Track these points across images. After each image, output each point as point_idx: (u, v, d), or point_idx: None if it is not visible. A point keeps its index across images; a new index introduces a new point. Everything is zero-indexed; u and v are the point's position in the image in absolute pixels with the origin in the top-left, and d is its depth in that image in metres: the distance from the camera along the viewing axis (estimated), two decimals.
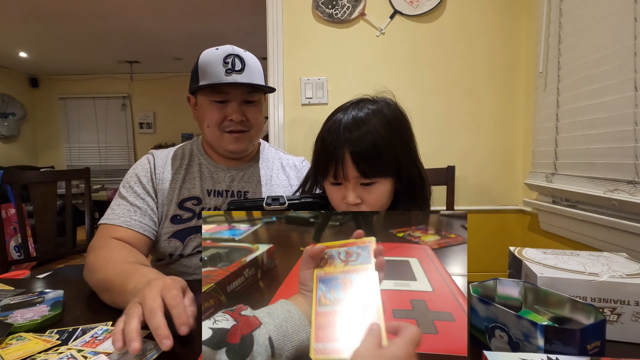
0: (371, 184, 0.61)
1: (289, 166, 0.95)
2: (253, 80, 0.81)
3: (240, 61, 0.80)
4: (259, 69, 0.84)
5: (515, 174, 1.55)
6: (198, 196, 0.83)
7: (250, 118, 0.83)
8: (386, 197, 0.62)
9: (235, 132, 0.82)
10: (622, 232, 0.94)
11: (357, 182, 0.60)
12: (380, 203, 0.62)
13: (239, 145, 0.84)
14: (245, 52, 0.84)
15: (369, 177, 0.59)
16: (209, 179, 0.86)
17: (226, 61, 0.79)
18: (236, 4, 2.98)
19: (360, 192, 0.61)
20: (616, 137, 0.97)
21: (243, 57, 0.81)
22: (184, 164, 0.87)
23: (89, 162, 5.43)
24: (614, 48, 0.98)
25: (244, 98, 0.82)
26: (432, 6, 1.49)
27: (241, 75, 0.80)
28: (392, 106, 0.65)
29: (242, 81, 0.79)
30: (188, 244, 0.81)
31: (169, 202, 0.83)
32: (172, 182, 0.84)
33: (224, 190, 0.85)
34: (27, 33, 3.65)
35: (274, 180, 0.90)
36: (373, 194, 0.61)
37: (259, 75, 0.84)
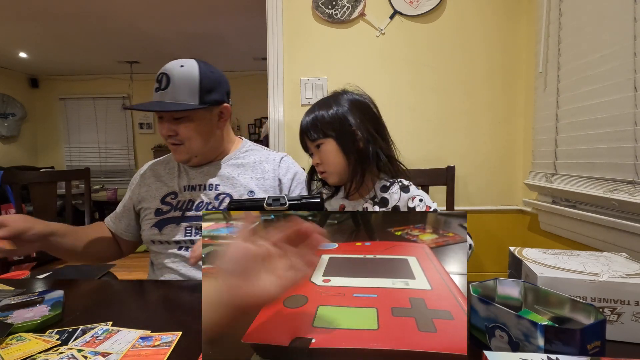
0: (320, 146, 0.82)
1: (267, 161, 1.00)
2: (175, 98, 0.85)
3: (165, 79, 0.85)
4: (188, 84, 0.85)
5: (515, 174, 1.55)
6: (175, 191, 0.95)
7: (180, 133, 0.88)
8: (334, 154, 0.81)
9: (173, 144, 0.91)
10: (622, 232, 0.94)
11: (313, 146, 0.84)
12: (332, 159, 0.82)
13: (177, 156, 0.93)
14: (180, 69, 0.86)
15: (314, 141, 0.83)
16: (185, 176, 0.97)
17: (158, 79, 0.87)
18: (236, 4, 2.98)
19: (317, 153, 0.84)
20: (616, 137, 0.97)
21: (171, 74, 0.85)
22: (167, 168, 1.00)
23: (89, 162, 5.43)
24: (613, 48, 0.98)
25: (171, 115, 0.88)
26: (432, 6, 1.49)
27: (165, 93, 0.85)
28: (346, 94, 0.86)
29: (164, 100, 0.85)
30: (164, 232, 0.92)
31: (154, 198, 0.95)
32: (156, 182, 0.98)
33: (197, 184, 0.95)
34: (27, 33, 3.65)
35: (247, 174, 0.97)
36: (323, 152, 0.82)
37: (187, 91, 0.85)
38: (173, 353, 0.47)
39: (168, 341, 0.50)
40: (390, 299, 0.42)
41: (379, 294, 0.43)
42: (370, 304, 0.42)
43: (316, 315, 0.40)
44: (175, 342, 0.49)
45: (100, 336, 0.51)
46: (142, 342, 0.50)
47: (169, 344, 0.49)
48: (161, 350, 0.47)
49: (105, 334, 0.51)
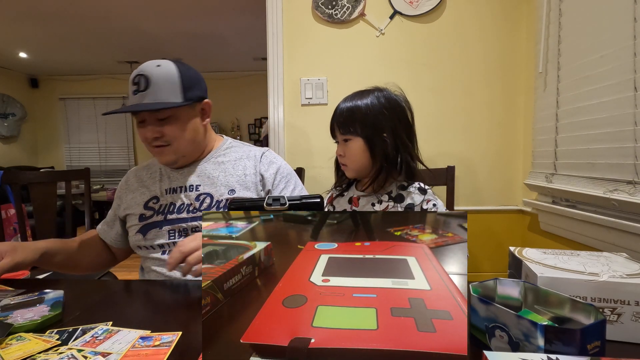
0: (347, 140, 0.83)
1: (248, 157, 0.98)
2: (158, 98, 0.83)
3: (144, 80, 0.83)
4: (170, 83, 0.84)
5: (515, 174, 1.55)
6: (156, 195, 0.94)
7: (167, 133, 0.87)
8: (359, 153, 0.82)
9: (158, 146, 0.89)
10: (622, 232, 0.94)
11: (341, 138, 0.85)
12: (356, 157, 0.83)
13: (163, 158, 0.91)
14: (157, 68, 0.84)
15: (343, 134, 0.84)
16: (166, 179, 0.96)
17: (135, 82, 0.84)
18: (236, 4, 2.98)
19: (343, 146, 0.84)
20: (616, 138, 0.97)
21: (149, 75, 0.83)
22: (149, 173, 0.99)
23: (89, 162, 5.43)
24: (613, 48, 0.98)
25: (155, 116, 0.86)
26: (432, 6, 1.49)
27: (145, 94, 0.83)
28: (385, 92, 0.85)
29: (145, 101, 0.83)
30: (147, 237, 0.91)
31: (138, 204, 0.94)
32: (140, 188, 0.97)
33: (177, 186, 0.94)
34: (27, 33, 3.65)
35: (228, 171, 0.95)
36: (349, 148, 0.83)
37: (168, 89, 0.84)
38: (173, 353, 0.47)
39: (168, 341, 0.50)
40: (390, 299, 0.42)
41: (379, 294, 0.43)
42: (369, 304, 0.42)
43: (315, 315, 0.40)
44: (175, 342, 0.49)
45: (100, 336, 0.51)
46: (142, 342, 0.50)
47: (169, 344, 0.49)
48: (161, 350, 0.47)
49: (105, 334, 0.51)
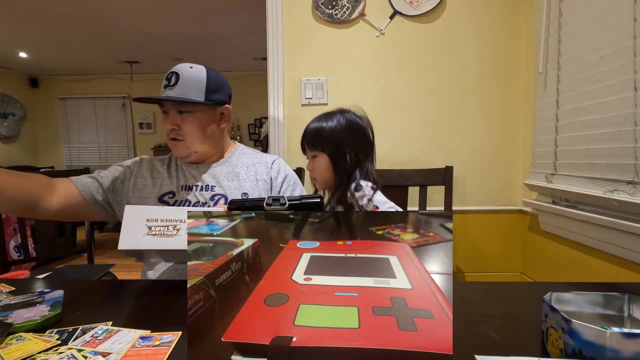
0: (315, 157, 0.94)
1: (260, 163, 1.04)
2: (184, 94, 0.90)
3: (175, 77, 0.91)
4: (197, 83, 0.92)
5: (515, 174, 1.55)
6: (173, 190, 0.96)
7: (183, 127, 0.93)
8: (325, 168, 0.93)
9: (173, 139, 0.95)
10: (621, 232, 0.94)
11: (310, 155, 0.96)
12: (322, 171, 0.94)
13: (177, 152, 0.97)
14: (189, 69, 0.93)
15: (312, 151, 0.95)
16: (182, 176, 0.99)
17: (167, 77, 0.92)
18: (236, 4, 2.98)
19: (312, 162, 0.96)
20: (616, 138, 0.97)
21: (180, 73, 0.92)
22: (164, 166, 1.01)
23: (89, 162, 5.43)
24: (613, 48, 0.98)
25: (177, 109, 0.93)
26: (432, 6, 1.49)
27: (172, 90, 0.90)
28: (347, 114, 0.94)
29: (171, 95, 0.90)
30: None
31: (149, 196, 0.95)
32: (153, 180, 0.98)
33: (193, 185, 0.97)
34: (27, 33, 3.65)
35: (241, 176, 1.00)
36: (317, 163, 0.94)
37: (195, 88, 0.92)
38: (173, 353, 0.47)
39: (168, 341, 0.50)
40: (372, 298, 0.42)
41: (360, 293, 0.43)
42: (351, 303, 0.42)
43: (297, 314, 0.40)
44: (175, 342, 0.49)
45: (100, 336, 0.51)
46: (142, 342, 0.50)
47: (169, 344, 0.49)
48: (161, 350, 0.47)
49: (105, 334, 0.51)
